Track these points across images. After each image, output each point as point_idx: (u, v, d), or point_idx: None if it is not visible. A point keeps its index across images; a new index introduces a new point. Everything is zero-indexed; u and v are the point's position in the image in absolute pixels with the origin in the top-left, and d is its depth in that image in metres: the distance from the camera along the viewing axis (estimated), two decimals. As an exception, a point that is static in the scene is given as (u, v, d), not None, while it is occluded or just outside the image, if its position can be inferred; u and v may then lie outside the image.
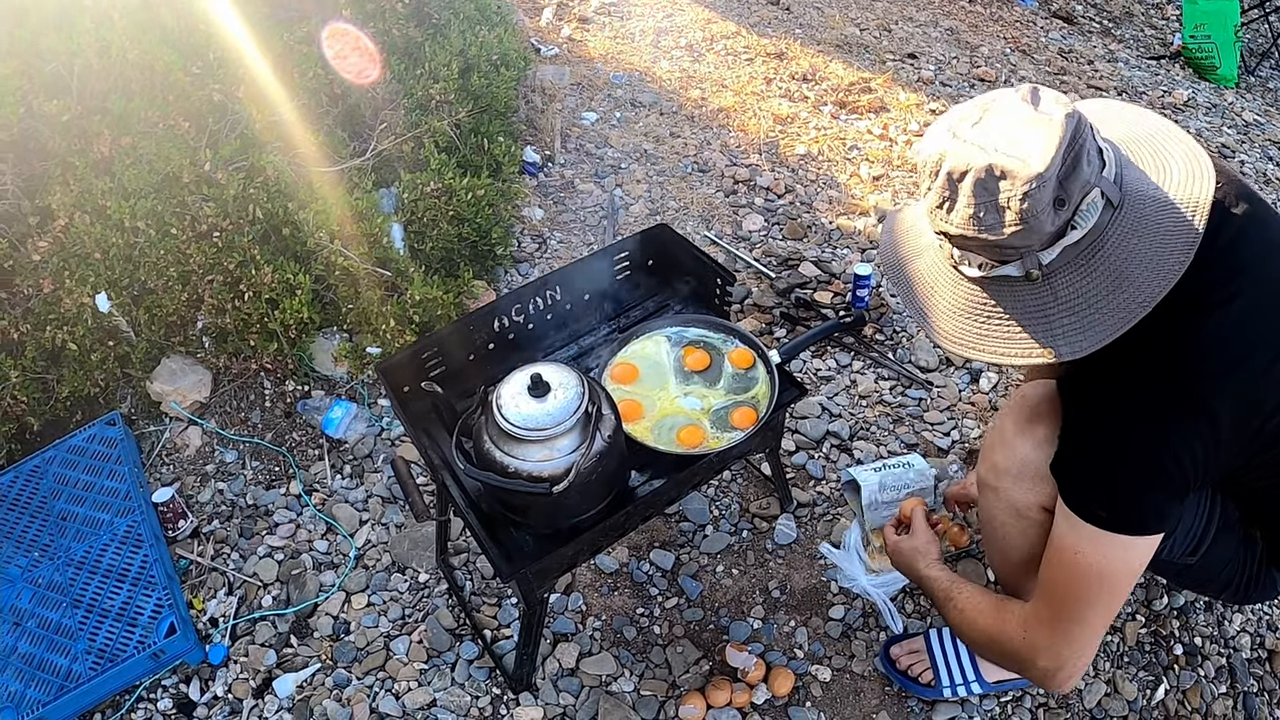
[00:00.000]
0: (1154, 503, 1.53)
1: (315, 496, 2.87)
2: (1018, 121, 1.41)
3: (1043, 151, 1.35)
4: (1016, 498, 1.86)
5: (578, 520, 1.96)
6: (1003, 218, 1.38)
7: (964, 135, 1.43)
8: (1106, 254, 1.43)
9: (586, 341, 2.48)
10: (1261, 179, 4.68)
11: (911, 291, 1.64)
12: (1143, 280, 1.41)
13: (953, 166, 1.41)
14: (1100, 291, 1.43)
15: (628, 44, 5.41)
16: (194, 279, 2.87)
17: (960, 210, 1.42)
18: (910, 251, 1.67)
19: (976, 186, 1.38)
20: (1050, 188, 1.36)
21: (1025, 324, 1.48)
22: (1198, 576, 1.96)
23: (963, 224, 1.42)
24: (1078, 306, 1.44)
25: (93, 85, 2.91)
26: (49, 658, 2.43)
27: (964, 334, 1.55)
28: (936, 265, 1.60)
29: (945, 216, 1.45)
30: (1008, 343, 1.50)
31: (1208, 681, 2.46)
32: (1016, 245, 1.41)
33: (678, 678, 2.44)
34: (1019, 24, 6.27)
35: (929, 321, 1.60)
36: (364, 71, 3.44)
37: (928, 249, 1.62)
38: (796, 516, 2.80)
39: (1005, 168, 1.36)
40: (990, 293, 1.51)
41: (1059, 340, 1.45)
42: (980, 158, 1.38)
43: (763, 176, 4.24)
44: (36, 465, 2.90)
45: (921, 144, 1.51)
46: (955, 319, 1.56)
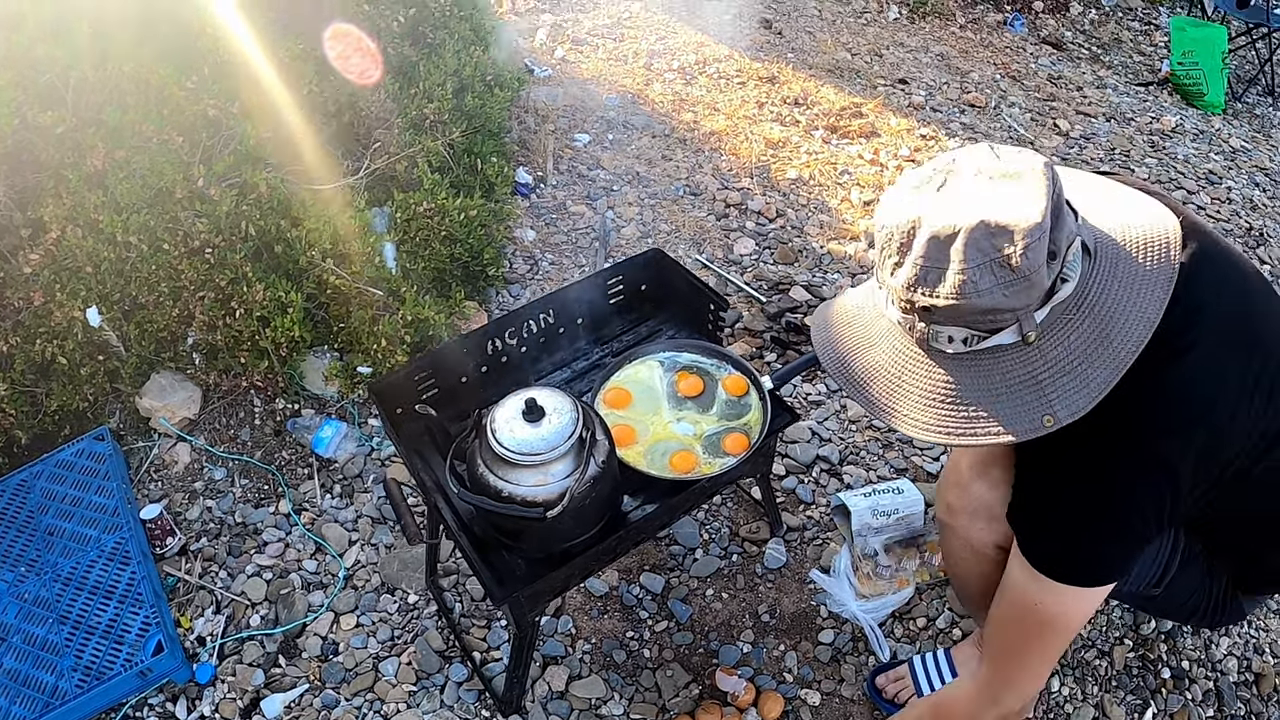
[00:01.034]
0: (1114, 557, 1.51)
1: (304, 516, 2.86)
2: (990, 177, 1.32)
3: (1034, 201, 1.26)
4: (972, 536, 1.88)
5: (570, 545, 1.96)
6: (1003, 277, 1.26)
7: (935, 198, 1.32)
8: (1090, 305, 1.34)
9: (579, 365, 2.49)
10: (1248, 205, 4.72)
11: (868, 387, 1.48)
12: (1128, 326, 1.33)
13: (937, 229, 1.28)
14: (1089, 345, 1.33)
15: (621, 66, 5.43)
16: (185, 295, 2.87)
17: (951, 278, 1.27)
18: (858, 343, 1.51)
19: (969, 247, 1.25)
20: (1047, 239, 1.26)
21: (1016, 396, 1.35)
22: (1163, 605, 1.97)
23: (954, 293, 1.28)
24: (1068, 365, 1.33)
25: (88, 97, 2.91)
26: (35, 674, 2.41)
27: (950, 422, 1.39)
28: (900, 352, 1.44)
29: (929, 291, 1.30)
30: (1001, 421, 1.36)
31: (1195, 705, 2.47)
32: (1016, 307, 1.29)
33: (667, 701, 2.44)
34: (1009, 50, 6.33)
35: (899, 417, 1.44)
36: (366, 72, 3.45)
37: (882, 337, 1.47)
38: (786, 541, 2.80)
39: (1000, 221, 1.25)
40: (973, 370, 1.38)
41: (1055, 405, 1.33)
42: (968, 215, 1.27)
43: (754, 200, 4.26)
44: (24, 479, 2.88)
45: (882, 214, 1.37)
46: (934, 408, 1.41)
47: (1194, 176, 4.96)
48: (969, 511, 1.87)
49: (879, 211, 1.39)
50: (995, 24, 6.69)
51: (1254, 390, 1.42)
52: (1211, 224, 4.43)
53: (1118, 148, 5.17)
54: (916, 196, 1.34)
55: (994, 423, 1.35)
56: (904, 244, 1.32)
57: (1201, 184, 4.88)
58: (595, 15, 5.92)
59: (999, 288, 1.26)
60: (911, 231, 1.31)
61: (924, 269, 1.29)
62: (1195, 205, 4.67)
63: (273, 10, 3.28)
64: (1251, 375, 1.42)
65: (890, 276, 1.35)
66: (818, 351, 1.57)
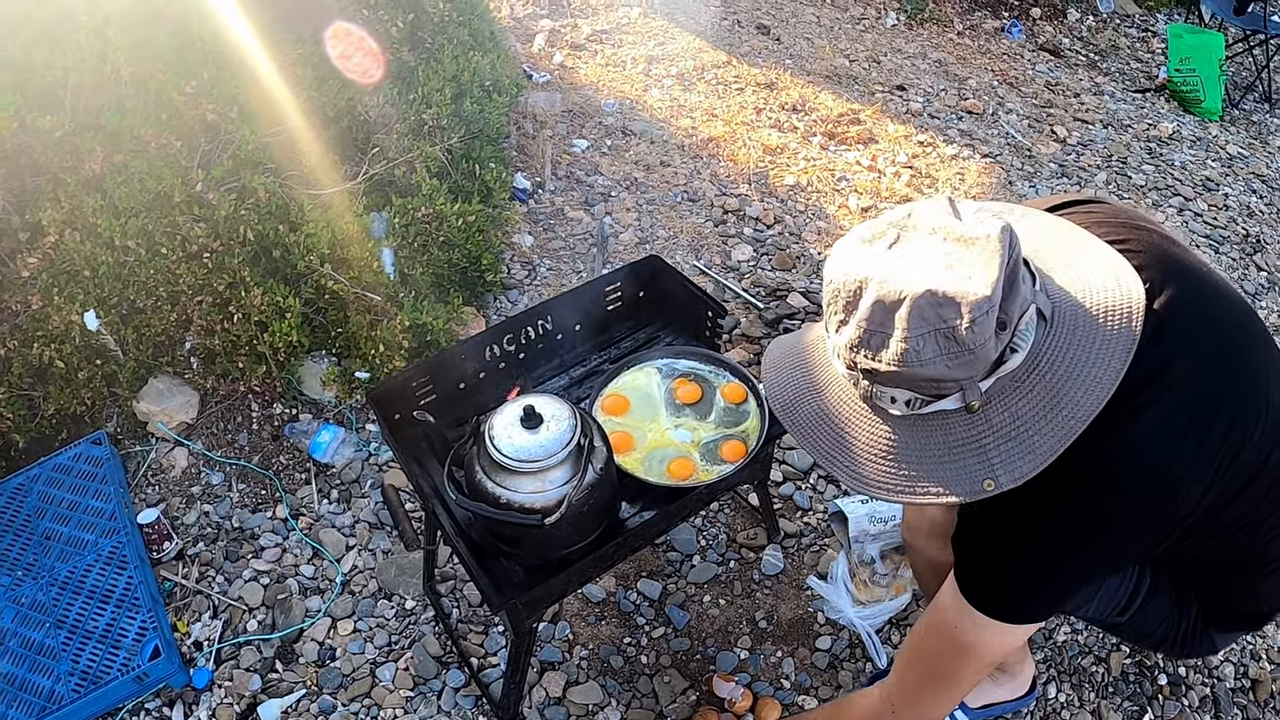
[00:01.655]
0: (1042, 601, 1.48)
1: (302, 521, 2.86)
2: (945, 240, 1.27)
3: (984, 273, 1.21)
4: (932, 555, 1.88)
5: (568, 551, 1.96)
6: (947, 348, 1.21)
7: (885, 257, 1.28)
8: (1041, 372, 1.29)
9: (577, 372, 2.49)
10: (1245, 212, 4.74)
11: (812, 434, 1.43)
12: (1079, 396, 1.27)
13: (883, 294, 1.24)
14: (1037, 413, 1.28)
15: (619, 72, 5.44)
16: (183, 299, 2.87)
17: (894, 345, 1.23)
18: (805, 387, 1.47)
19: (913, 315, 1.21)
20: (995, 312, 1.20)
21: (958, 458, 1.30)
22: (1130, 633, 1.94)
23: (896, 360, 1.24)
24: (1014, 432, 1.28)
25: (86, 101, 2.91)
26: (31, 678, 2.41)
27: (891, 479, 1.34)
28: (845, 404, 1.40)
29: (871, 354, 1.26)
30: (942, 482, 1.30)
31: (1192, 711, 2.48)
32: (959, 378, 1.24)
33: (665, 707, 2.44)
34: (1006, 57, 6.34)
35: (844, 468, 1.39)
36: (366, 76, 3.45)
37: (829, 386, 1.42)
38: (784, 547, 2.80)
39: (948, 292, 1.20)
40: (916, 430, 1.33)
41: (998, 469, 1.28)
42: (916, 282, 1.22)
43: (752, 206, 4.26)
44: (21, 483, 2.88)
45: (830, 267, 1.33)
46: (875, 462, 1.36)
47: (1191, 183, 4.97)
48: (926, 532, 1.88)
49: (828, 263, 1.34)
50: (993, 31, 6.70)
51: (1220, 445, 1.36)
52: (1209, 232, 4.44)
53: (1115, 154, 5.18)
54: (867, 252, 1.30)
55: (935, 483, 1.31)
56: (849, 303, 1.28)
57: (1198, 190, 4.89)
58: (594, 21, 5.93)
59: (942, 358, 1.22)
60: (858, 291, 1.27)
61: (868, 332, 1.26)
62: (1192, 212, 4.68)
63: (272, 15, 3.28)
64: (1218, 431, 1.36)
65: (835, 334, 1.32)
66: (766, 391, 1.53)
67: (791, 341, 1.55)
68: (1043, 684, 2.47)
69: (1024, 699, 2.38)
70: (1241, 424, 1.38)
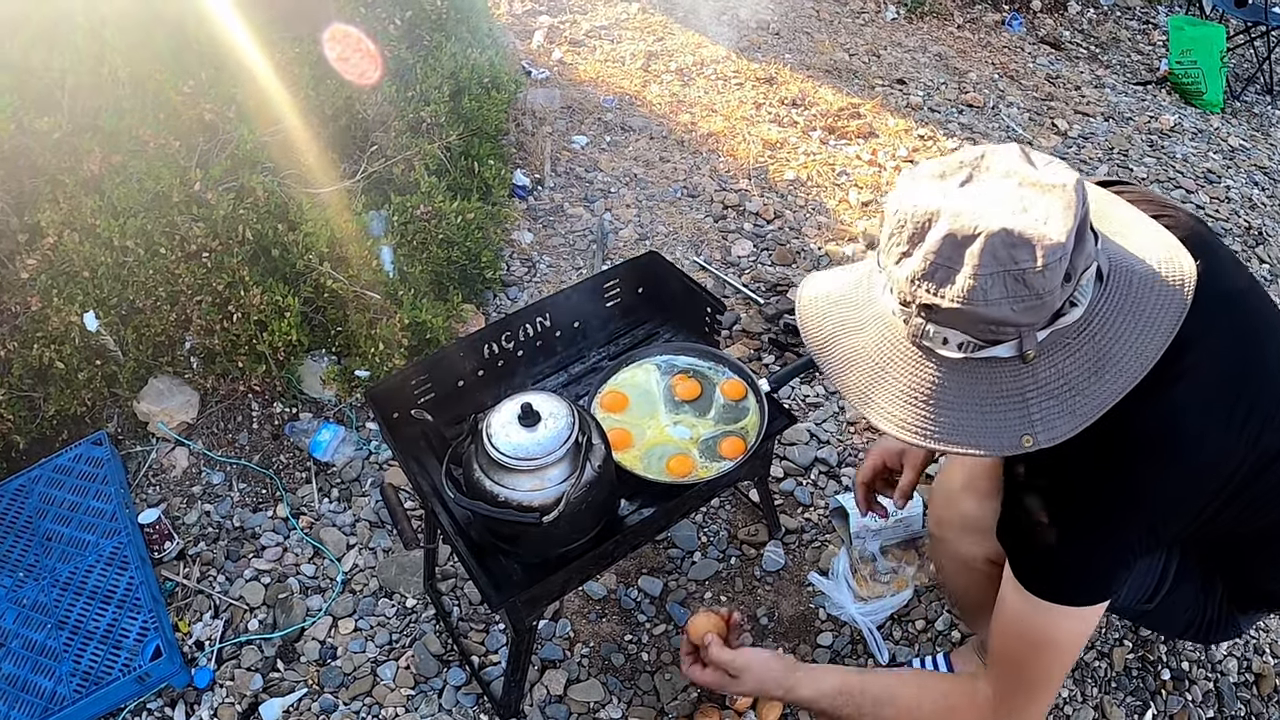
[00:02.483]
0: (1099, 578, 1.47)
1: (302, 520, 2.86)
2: (1020, 184, 1.25)
3: (1060, 219, 1.19)
4: (962, 550, 1.86)
5: (567, 549, 1.96)
6: (1016, 291, 1.19)
7: (958, 193, 1.25)
8: (1092, 333, 1.28)
9: (576, 369, 2.49)
10: (1247, 204, 4.72)
11: (847, 372, 1.40)
12: (1124, 363, 1.26)
13: (956, 227, 1.21)
14: (1082, 374, 1.27)
15: (618, 68, 5.43)
16: (182, 299, 2.86)
17: (961, 281, 1.20)
18: (845, 323, 1.43)
19: (986, 253, 1.18)
20: (1067, 260, 1.19)
21: (1000, 410, 1.29)
22: (1156, 620, 1.95)
23: (962, 297, 1.20)
24: (1058, 390, 1.27)
25: (84, 102, 2.91)
26: (33, 679, 2.41)
27: (926, 424, 1.32)
28: (889, 342, 1.35)
29: (934, 289, 1.23)
30: (981, 433, 1.29)
31: (1195, 706, 2.47)
32: (1021, 323, 1.22)
33: (666, 705, 2.44)
34: (1007, 50, 6.33)
35: (875, 409, 1.36)
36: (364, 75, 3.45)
37: (872, 322, 1.38)
38: (785, 543, 2.80)
39: (1024, 234, 1.18)
40: (962, 375, 1.30)
41: (1038, 427, 1.27)
42: (991, 219, 1.20)
43: (752, 202, 4.26)
44: (22, 484, 2.88)
45: (896, 198, 1.30)
46: (913, 406, 1.33)
47: (1192, 175, 4.96)
48: (957, 526, 1.86)
49: (893, 194, 1.31)
50: (993, 24, 6.69)
51: (1246, 417, 1.38)
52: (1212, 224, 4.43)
53: (1116, 147, 5.17)
54: (939, 186, 1.27)
55: (972, 433, 1.30)
56: (916, 234, 1.25)
57: (1200, 183, 4.88)
58: (593, 17, 5.92)
59: (1008, 301, 1.20)
60: (927, 224, 1.24)
61: (934, 265, 1.22)
62: (1194, 204, 4.67)
63: (269, 14, 3.28)
64: (1245, 403, 1.38)
65: (895, 265, 1.28)
66: (801, 324, 1.50)
67: (830, 278, 1.51)
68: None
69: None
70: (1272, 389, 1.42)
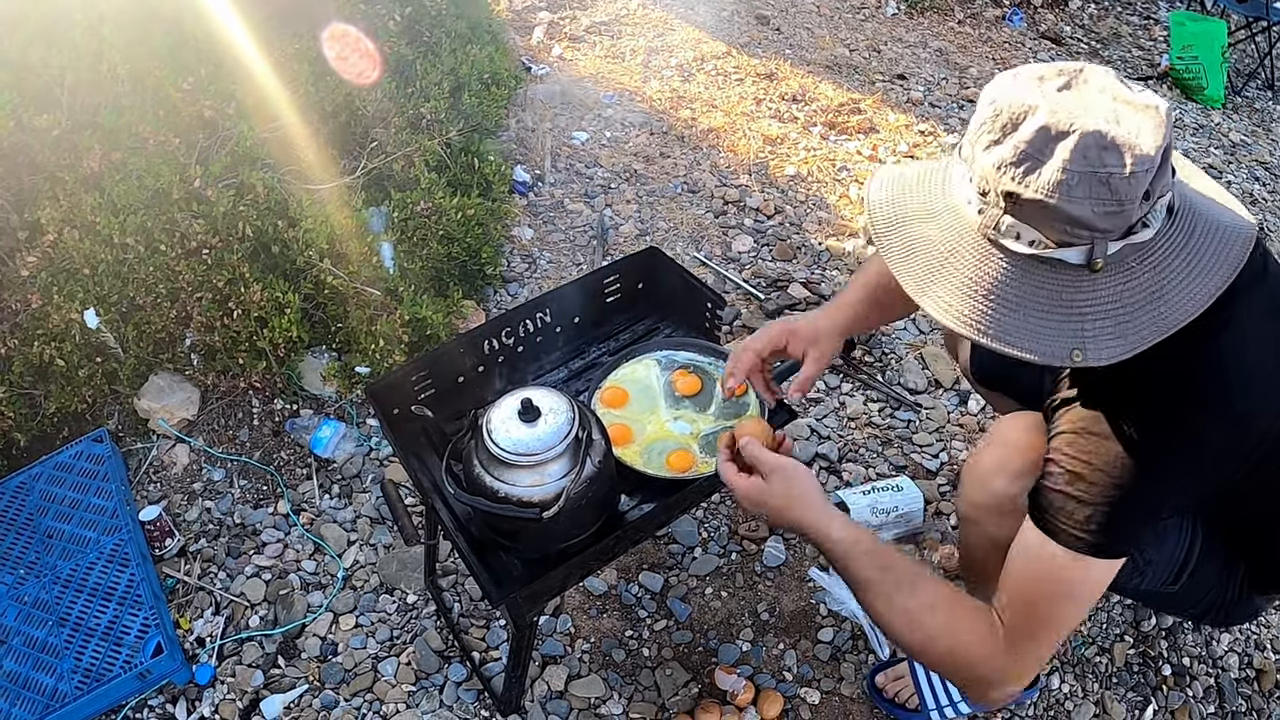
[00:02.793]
0: (1135, 530, 1.48)
1: (303, 516, 2.86)
2: (1116, 99, 1.29)
3: (1152, 135, 1.24)
4: (995, 533, 1.85)
5: (567, 545, 1.95)
6: (1097, 193, 1.23)
7: (1055, 94, 1.29)
8: (1154, 263, 1.31)
9: (576, 365, 2.48)
10: (1248, 199, 4.72)
11: (909, 259, 1.43)
12: (1178, 299, 1.30)
13: (1053, 121, 1.25)
14: (1138, 302, 1.30)
15: (618, 63, 5.42)
16: (183, 296, 2.87)
17: (1048, 173, 1.24)
18: (918, 212, 1.45)
19: (1077, 151, 1.22)
20: (1151, 176, 1.24)
21: (1057, 319, 1.32)
22: (1180, 603, 1.95)
23: (1047, 189, 1.24)
24: (1113, 311, 1.30)
25: (83, 99, 2.91)
26: (34, 676, 2.42)
27: (982, 318, 1.34)
28: (957, 233, 1.39)
29: (1020, 177, 1.26)
30: (1034, 337, 1.32)
31: (1196, 702, 2.47)
32: (1097, 227, 1.25)
33: (666, 700, 2.44)
34: (1008, 45, 6.32)
35: (931, 298, 1.39)
36: (364, 72, 3.44)
37: (944, 212, 1.41)
38: (785, 539, 2.80)
39: (1117, 139, 1.22)
40: (1026, 275, 1.33)
41: (1089, 344, 1.30)
42: (1087, 121, 1.24)
43: (752, 197, 4.25)
44: (23, 482, 2.88)
45: (993, 90, 1.34)
46: (973, 299, 1.35)
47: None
48: (992, 509, 1.84)
49: (989, 87, 1.35)
50: (994, 19, 6.68)
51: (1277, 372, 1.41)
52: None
53: (1117, 142, 5.15)
54: (1038, 87, 1.31)
55: (1025, 335, 1.32)
56: (1009, 125, 1.28)
57: (1201, 178, 4.87)
58: (593, 12, 5.92)
59: (1090, 201, 1.23)
60: (1023, 115, 1.28)
61: (1024, 155, 1.26)
62: (1194, 199, 4.66)
63: (267, 11, 3.28)
64: None
65: (982, 152, 1.31)
66: (870, 209, 1.51)
67: (902, 169, 1.53)
68: (1046, 675, 2.47)
69: (1026, 692, 2.37)
70: None
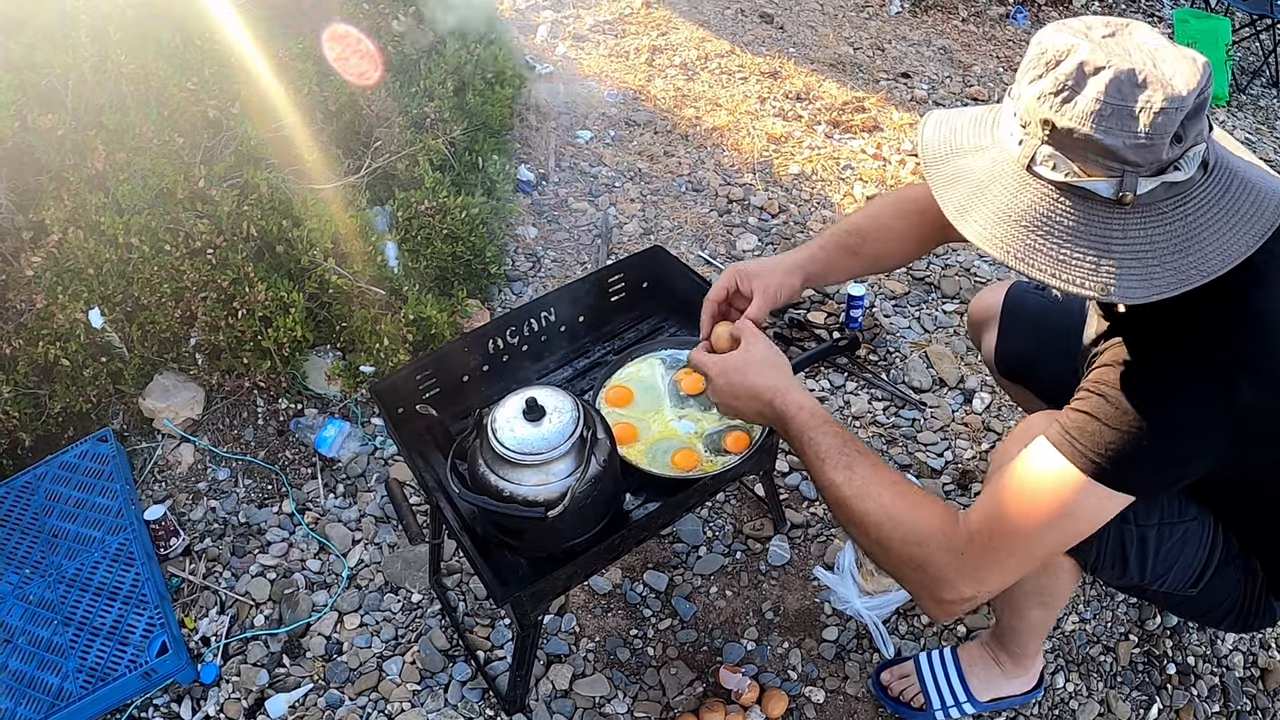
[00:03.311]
0: (1149, 474, 1.47)
1: (308, 515, 2.86)
2: (1157, 46, 1.35)
3: (1186, 79, 1.30)
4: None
5: (572, 544, 1.96)
6: (1128, 125, 1.29)
7: (1098, 41, 1.36)
8: (1185, 212, 1.35)
9: (580, 364, 2.48)
10: (1252, 200, 4.70)
11: (952, 186, 1.49)
12: (1209, 252, 1.34)
13: (1091, 59, 1.32)
14: (1167, 248, 1.34)
15: (622, 62, 5.42)
16: (187, 296, 2.87)
17: (1083, 103, 1.31)
18: (962, 146, 1.53)
19: (1112, 85, 1.30)
20: (1182, 116, 1.29)
21: (1084, 250, 1.36)
22: (1199, 607, 1.94)
23: (1082, 117, 1.31)
24: (1141, 253, 1.34)
25: (88, 99, 2.91)
26: (40, 676, 2.42)
27: (1013, 242, 1.40)
28: (1001, 164, 1.45)
29: (1058, 106, 1.33)
30: (1063, 265, 1.36)
31: (1201, 701, 2.46)
32: (1128, 159, 1.30)
33: (671, 699, 2.44)
34: (1012, 43, 6.30)
35: (969, 222, 1.45)
36: (367, 73, 3.44)
37: (991, 147, 1.48)
38: (790, 538, 2.80)
39: (1150, 78, 1.29)
40: (1061, 205, 1.38)
41: (1117, 281, 1.34)
42: (1123, 60, 1.31)
43: (756, 196, 4.25)
44: (28, 481, 2.89)
45: (1043, 35, 1.41)
46: (1006, 224, 1.41)
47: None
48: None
49: (1039, 33, 1.42)
50: (998, 17, 6.66)
51: None
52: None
53: (1121, 140, 5.14)
54: (1083, 35, 1.37)
55: (1053, 263, 1.37)
56: (1053, 62, 1.35)
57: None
58: (596, 11, 5.92)
59: (1122, 133, 1.29)
60: (1066, 54, 1.34)
61: (1064, 86, 1.33)
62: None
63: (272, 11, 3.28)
64: None
65: (1026, 86, 1.39)
66: (923, 144, 1.57)
67: (956, 112, 1.60)
68: (1050, 674, 2.47)
69: (1031, 693, 2.37)
70: None
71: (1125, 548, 1.74)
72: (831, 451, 1.66)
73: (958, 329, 3.56)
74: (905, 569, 1.61)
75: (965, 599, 1.56)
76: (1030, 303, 2.39)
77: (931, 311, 3.64)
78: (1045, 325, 2.24)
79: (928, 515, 1.58)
